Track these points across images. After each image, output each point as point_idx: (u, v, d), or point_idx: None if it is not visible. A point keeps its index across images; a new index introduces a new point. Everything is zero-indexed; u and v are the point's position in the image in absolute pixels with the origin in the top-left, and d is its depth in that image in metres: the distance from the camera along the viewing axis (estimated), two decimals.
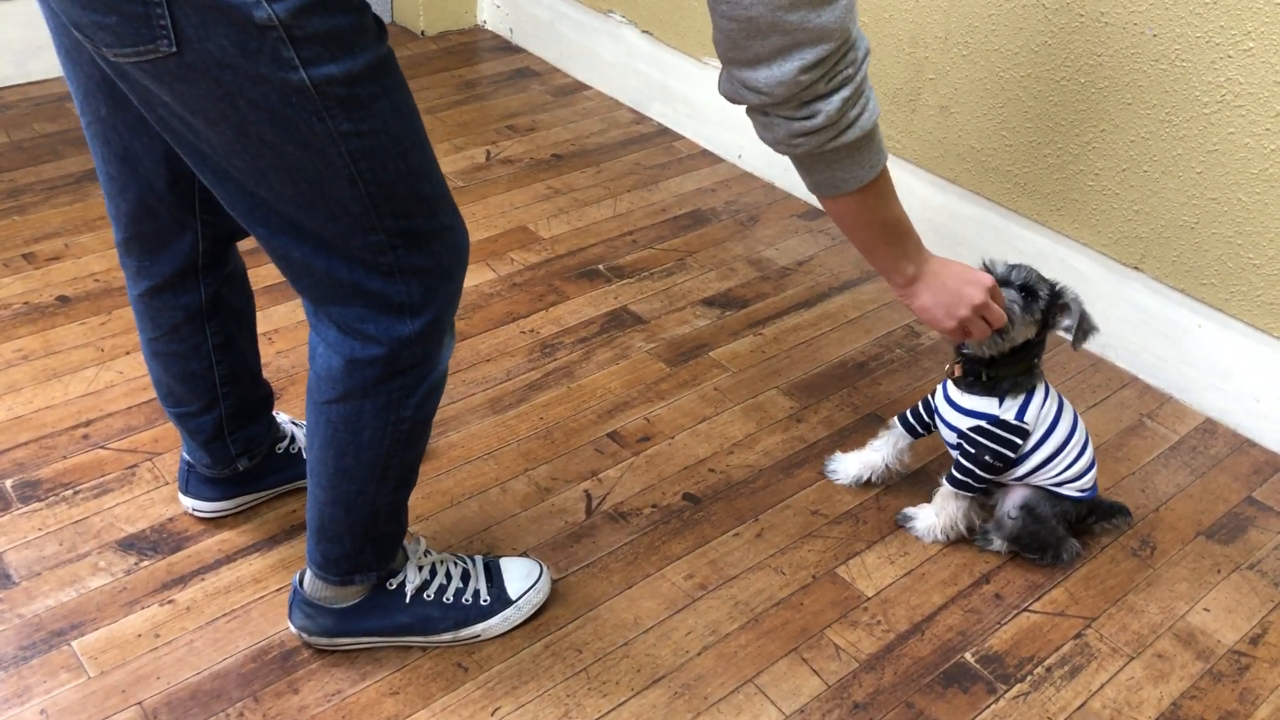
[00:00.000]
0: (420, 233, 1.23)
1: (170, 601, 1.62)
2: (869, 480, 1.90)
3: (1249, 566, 1.82)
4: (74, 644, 1.55)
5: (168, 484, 1.81)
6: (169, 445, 1.88)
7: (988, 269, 1.66)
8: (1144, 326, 2.19)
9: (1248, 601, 1.76)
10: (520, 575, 1.63)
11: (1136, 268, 2.18)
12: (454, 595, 1.57)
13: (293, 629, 1.55)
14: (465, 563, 1.62)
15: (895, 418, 1.86)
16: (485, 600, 1.59)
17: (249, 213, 1.19)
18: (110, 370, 2.04)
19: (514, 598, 1.61)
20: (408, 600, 1.54)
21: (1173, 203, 2.07)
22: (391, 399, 1.32)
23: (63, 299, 2.22)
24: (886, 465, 1.87)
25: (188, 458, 1.70)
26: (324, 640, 1.54)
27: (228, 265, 1.54)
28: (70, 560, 1.67)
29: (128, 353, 2.09)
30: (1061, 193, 2.24)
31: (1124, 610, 1.73)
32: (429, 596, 1.56)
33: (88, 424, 1.92)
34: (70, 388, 2.00)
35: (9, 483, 1.80)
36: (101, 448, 1.88)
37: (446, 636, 1.57)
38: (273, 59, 1.04)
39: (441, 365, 1.35)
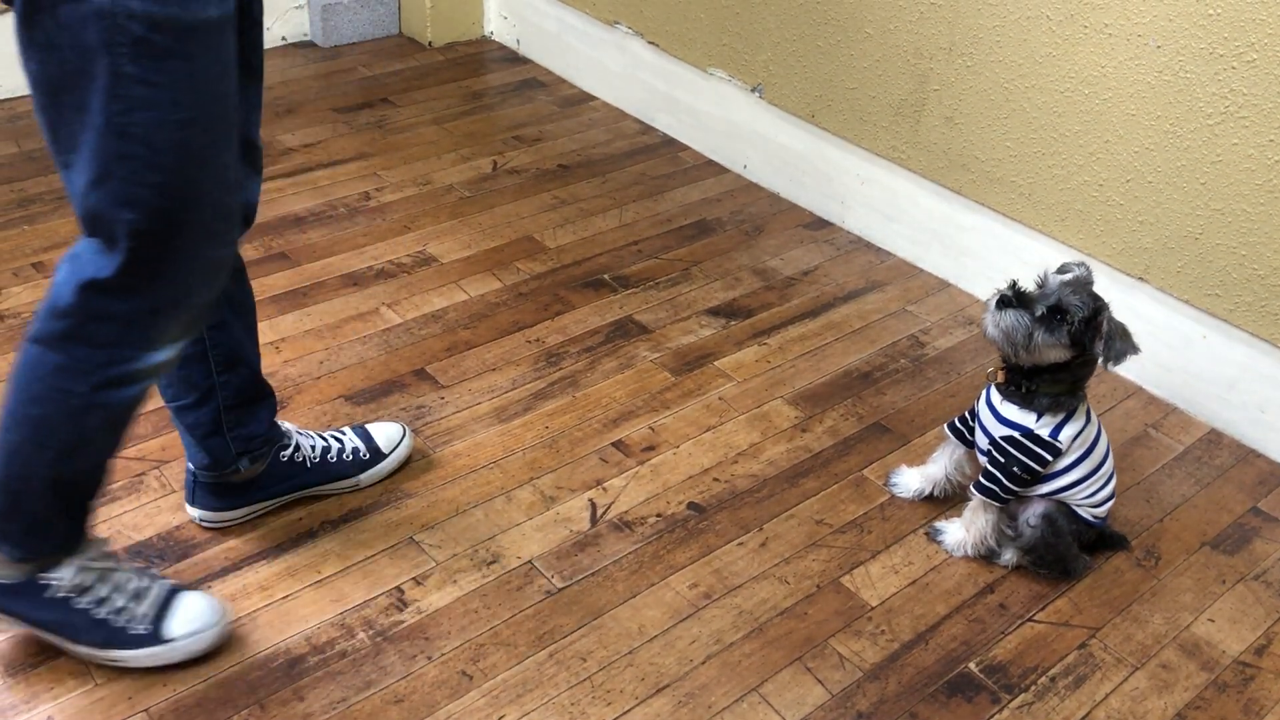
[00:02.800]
0: (172, 219, 1.23)
1: None
2: (931, 494, 1.89)
3: (1254, 577, 1.82)
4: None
5: (174, 492, 1.82)
6: (176, 454, 1.89)
7: (1039, 283, 1.62)
8: (1149, 337, 2.19)
9: (1253, 612, 1.76)
10: (192, 617, 1.54)
11: (1141, 278, 2.18)
12: (108, 612, 1.49)
13: None
14: (150, 584, 1.54)
15: (945, 426, 1.85)
16: (141, 630, 1.51)
17: (54, 151, 1.23)
18: None
19: (169, 636, 1.52)
20: (53, 599, 1.47)
21: (1177, 213, 2.08)
22: (72, 363, 1.31)
23: None
24: (947, 478, 1.86)
25: (192, 466, 1.70)
26: None
27: None
28: None
29: None
30: (1066, 203, 2.25)
31: (1128, 620, 1.73)
32: (80, 604, 1.48)
33: None
34: None
35: None
36: None
37: (83, 650, 1.51)
38: None
39: (139, 362, 1.33)
